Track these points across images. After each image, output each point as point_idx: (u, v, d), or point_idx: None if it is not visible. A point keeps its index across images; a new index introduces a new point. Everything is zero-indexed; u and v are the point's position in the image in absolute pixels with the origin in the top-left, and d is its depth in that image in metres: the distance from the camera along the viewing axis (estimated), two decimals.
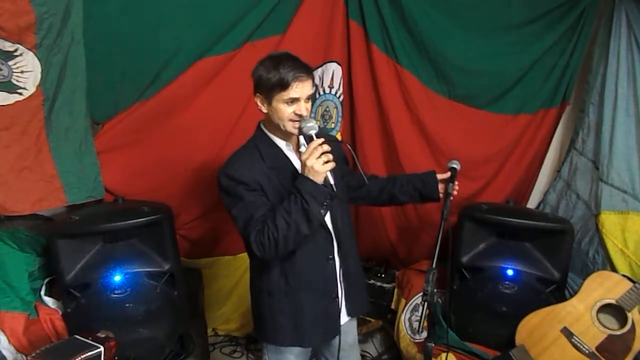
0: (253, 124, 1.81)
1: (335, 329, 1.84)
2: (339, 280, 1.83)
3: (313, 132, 1.60)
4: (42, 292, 2.28)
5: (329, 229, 1.79)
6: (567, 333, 2.28)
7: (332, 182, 1.61)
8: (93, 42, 2.23)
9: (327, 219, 1.78)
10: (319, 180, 1.57)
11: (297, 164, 1.74)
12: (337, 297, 1.82)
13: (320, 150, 1.56)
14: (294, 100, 1.63)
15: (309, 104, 1.68)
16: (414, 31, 2.63)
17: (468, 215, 2.54)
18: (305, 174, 1.58)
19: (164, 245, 2.31)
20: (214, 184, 2.67)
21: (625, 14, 2.54)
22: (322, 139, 1.59)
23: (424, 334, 2.61)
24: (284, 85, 1.60)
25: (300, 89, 1.62)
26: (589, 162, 2.79)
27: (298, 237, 1.61)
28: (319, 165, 1.55)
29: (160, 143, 2.50)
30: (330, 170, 1.60)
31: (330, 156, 1.58)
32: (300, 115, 1.64)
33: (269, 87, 1.62)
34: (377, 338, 3.06)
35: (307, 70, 1.63)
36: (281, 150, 1.75)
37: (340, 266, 1.84)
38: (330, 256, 1.80)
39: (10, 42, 2.05)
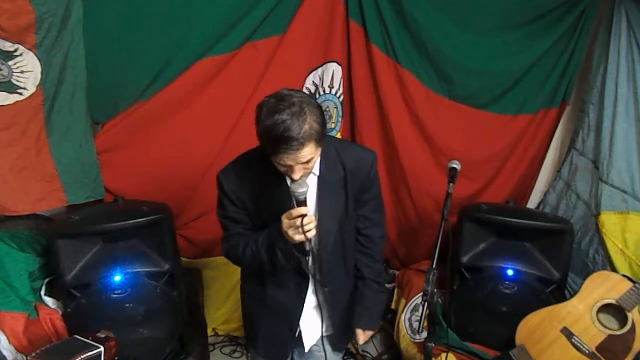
0: (253, 124, 1.81)
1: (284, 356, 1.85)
2: (315, 315, 1.77)
3: (301, 198, 1.46)
4: (42, 292, 2.28)
5: (305, 273, 1.68)
6: (567, 333, 2.28)
7: (311, 246, 1.53)
8: (93, 42, 2.23)
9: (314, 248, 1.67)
10: (295, 242, 1.48)
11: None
12: (295, 333, 1.77)
13: (299, 222, 1.43)
14: (284, 166, 1.45)
15: (312, 163, 1.48)
16: (414, 31, 2.63)
17: (468, 215, 2.54)
18: (282, 233, 1.49)
19: (164, 245, 2.31)
20: (213, 184, 2.68)
21: (625, 14, 2.54)
22: (305, 211, 1.44)
23: (424, 334, 2.61)
24: (268, 153, 1.44)
25: (291, 159, 1.41)
26: (589, 162, 2.79)
27: (264, 269, 1.64)
28: (295, 235, 1.45)
29: (160, 143, 2.50)
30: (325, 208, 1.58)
31: (312, 225, 1.45)
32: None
33: (258, 137, 1.44)
34: (377, 338, 3.06)
35: (301, 138, 1.37)
36: (280, 177, 1.56)
37: (320, 303, 1.74)
38: (303, 295, 1.72)
39: (10, 42, 2.05)
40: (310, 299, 1.74)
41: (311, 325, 1.79)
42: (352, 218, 1.71)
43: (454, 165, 2.02)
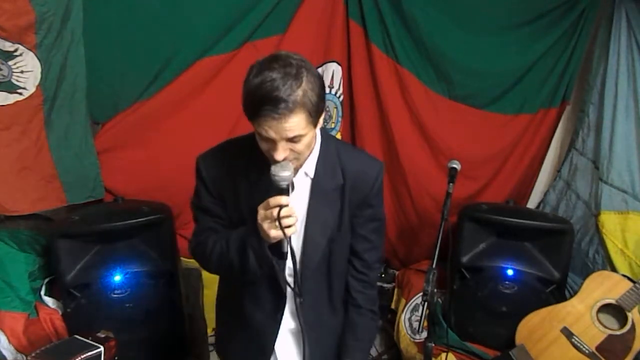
0: None
1: None
2: (291, 341, 1.55)
3: (283, 185, 1.23)
4: (42, 292, 2.28)
5: (281, 288, 1.44)
6: (567, 333, 2.28)
7: (289, 247, 1.27)
8: (93, 42, 2.23)
9: (294, 262, 1.40)
10: (270, 240, 1.26)
11: None
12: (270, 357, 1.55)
13: (276, 212, 1.20)
14: (266, 139, 1.23)
15: (299, 144, 1.24)
16: (414, 31, 2.63)
17: (468, 215, 2.54)
18: (258, 227, 1.26)
19: (164, 245, 2.31)
20: None
21: (625, 14, 2.54)
22: (285, 201, 1.21)
23: (424, 334, 2.61)
24: (250, 116, 1.22)
25: (275, 130, 1.18)
26: (589, 162, 2.79)
27: (233, 274, 1.40)
28: (270, 230, 1.22)
29: (160, 143, 2.50)
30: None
31: (292, 220, 1.22)
32: (276, 160, 1.24)
33: (242, 99, 1.23)
34: (377, 338, 3.06)
35: (291, 102, 1.15)
36: (266, 168, 1.32)
37: (299, 326, 1.45)
38: (280, 314, 1.49)
39: (10, 42, 2.05)
40: (288, 322, 1.51)
41: (288, 354, 1.56)
42: (344, 236, 1.47)
43: (454, 165, 2.03)
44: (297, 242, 1.40)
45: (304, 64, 1.20)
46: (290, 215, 1.22)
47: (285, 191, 1.23)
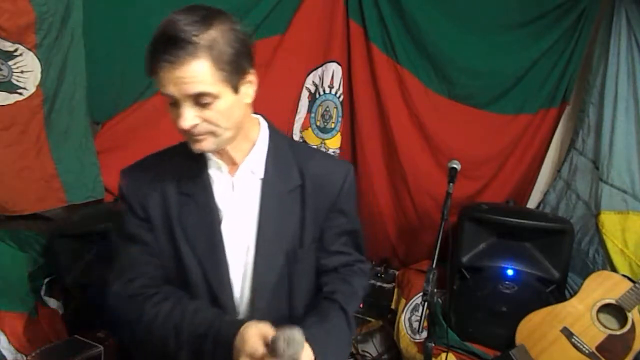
0: None
1: None
2: None
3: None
4: (42, 292, 2.27)
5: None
6: (567, 333, 2.28)
7: None
8: (93, 42, 2.22)
9: None
10: None
11: (220, 195, 1.14)
12: None
13: None
14: (173, 101, 1.01)
15: (210, 111, 1.01)
16: (414, 31, 2.63)
17: (468, 215, 2.54)
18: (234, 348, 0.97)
19: None
20: None
21: (625, 14, 2.53)
22: None
23: (424, 334, 2.61)
24: (149, 71, 1.01)
25: (173, 81, 0.96)
26: (589, 162, 2.78)
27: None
28: None
29: (160, 143, 2.48)
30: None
31: None
32: (185, 131, 1.02)
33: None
34: (377, 338, 3.06)
35: (192, 43, 0.94)
36: (205, 169, 1.15)
37: None
38: None
39: (10, 42, 2.04)
40: None
41: None
42: (308, 254, 1.18)
43: (454, 165, 2.03)
44: (246, 259, 1.14)
45: (220, 12, 1.01)
46: None
47: None
